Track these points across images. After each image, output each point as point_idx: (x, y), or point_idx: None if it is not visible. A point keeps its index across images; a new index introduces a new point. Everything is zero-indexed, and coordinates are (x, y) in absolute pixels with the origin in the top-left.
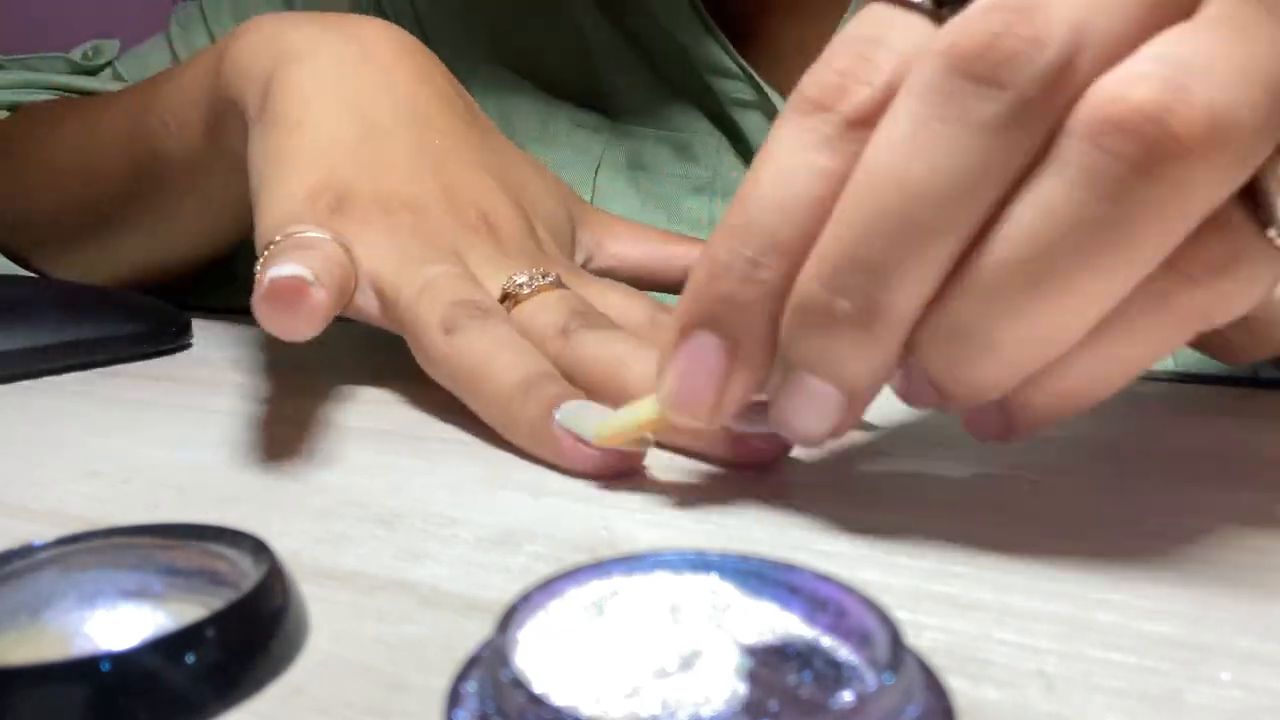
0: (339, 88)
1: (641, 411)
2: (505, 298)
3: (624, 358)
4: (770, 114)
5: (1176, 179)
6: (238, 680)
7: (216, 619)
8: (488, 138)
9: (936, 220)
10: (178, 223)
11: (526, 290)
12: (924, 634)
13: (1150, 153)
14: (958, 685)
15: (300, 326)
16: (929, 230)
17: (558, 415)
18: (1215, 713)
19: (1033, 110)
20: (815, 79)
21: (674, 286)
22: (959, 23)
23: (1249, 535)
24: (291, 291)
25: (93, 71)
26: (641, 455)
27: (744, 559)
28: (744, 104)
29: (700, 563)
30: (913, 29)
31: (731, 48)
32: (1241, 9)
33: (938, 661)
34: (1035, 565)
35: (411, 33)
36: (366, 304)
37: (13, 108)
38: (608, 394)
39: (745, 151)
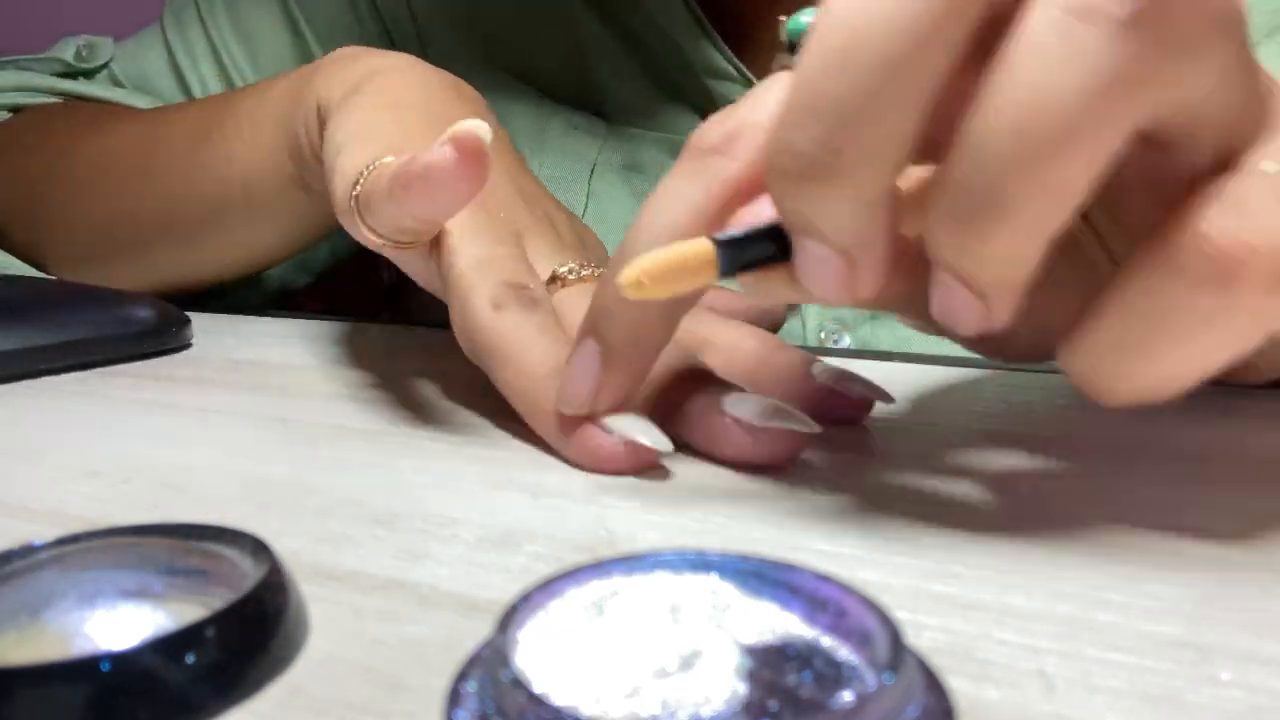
0: (424, 91)
1: (687, 247)
2: (553, 279)
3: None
4: None
5: (1262, 310)
6: (238, 680)
7: (216, 619)
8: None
9: (888, 56)
10: (225, 234)
11: (573, 276)
12: (924, 634)
13: (1237, 291)
14: (958, 685)
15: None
16: (881, 67)
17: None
18: (1215, 713)
19: None
20: (695, 134)
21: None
22: None
23: (1249, 535)
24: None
25: (89, 74)
26: (655, 453)
27: (744, 559)
28: None
29: (700, 563)
30: (783, 84)
31: (727, 49)
32: None
33: (938, 661)
34: (1035, 565)
35: (407, 34)
36: (419, 256)
37: (15, 109)
38: None
39: None
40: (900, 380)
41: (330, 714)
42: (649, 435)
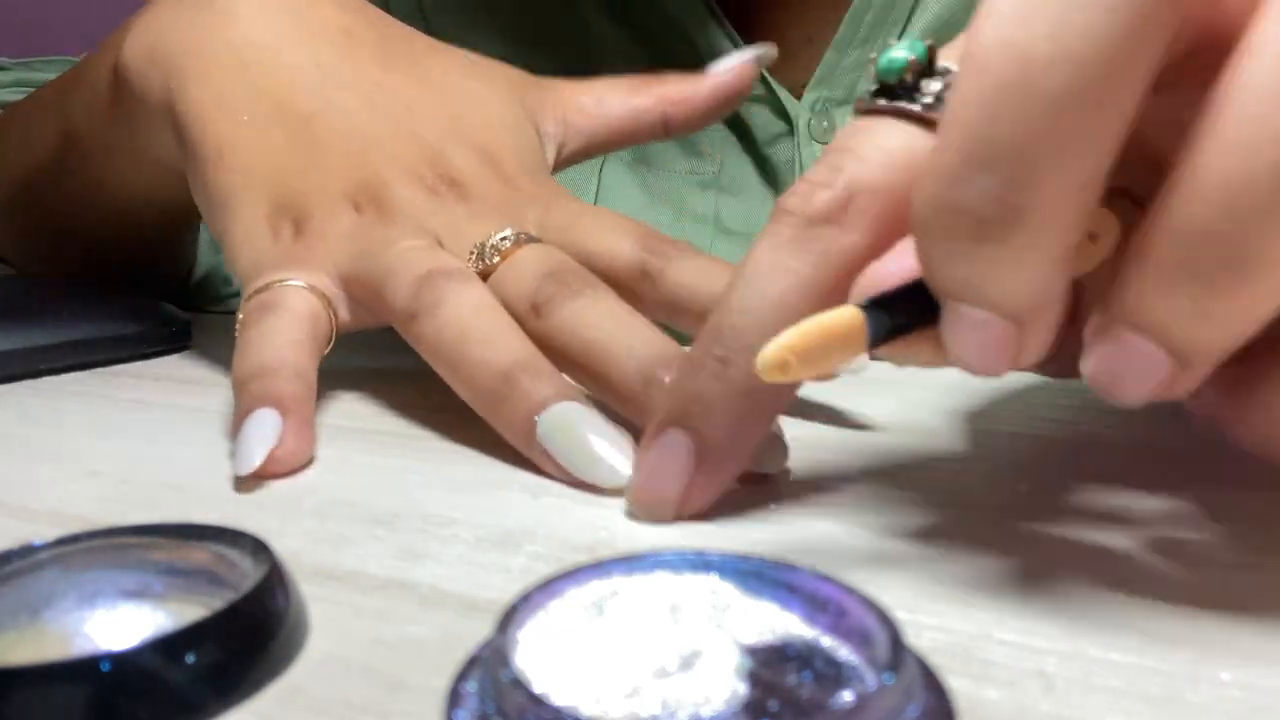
0: (238, 86)
1: (833, 319)
2: (479, 269)
3: (603, 334)
4: (777, 109)
5: None
6: (238, 680)
7: (216, 619)
8: (421, 64)
9: (1074, 93)
10: (109, 218)
11: (497, 256)
12: (924, 634)
13: None
14: (958, 685)
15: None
16: (1066, 105)
17: (539, 426)
18: (1215, 713)
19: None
20: (789, 191)
21: (656, 136)
22: None
23: (1248, 535)
24: (276, 465)
25: None
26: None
27: (744, 559)
28: (751, 98)
29: (700, 563)
30: (888, 134)
31: (740, 41)
32: None
33: (938, 661)
34: (1035, 565)
35: (415, 26)
36: (355, 317)
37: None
38: (589, 374)
39: (751, 146)
40: (900, 380)
41: (330, 714)
42: (610, 465)
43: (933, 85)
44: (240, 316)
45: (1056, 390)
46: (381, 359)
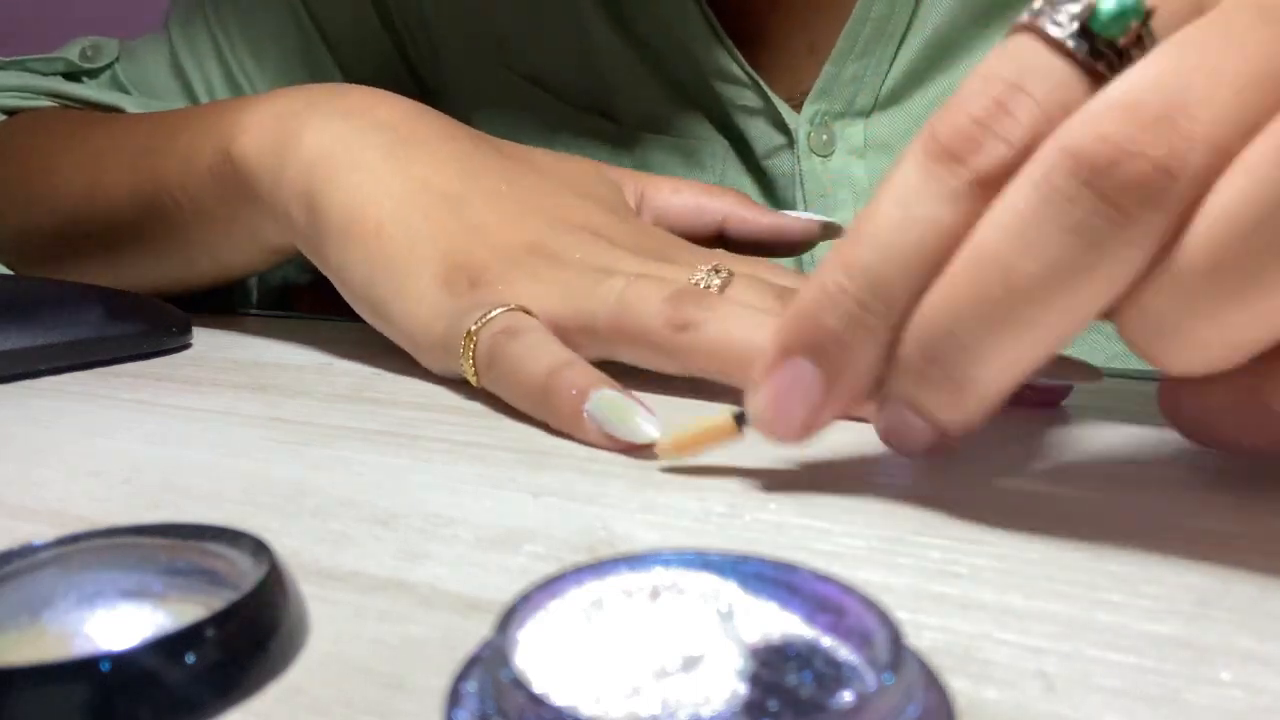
0: (390, 175)
1: (717, 425)
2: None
3: None
4: (775, 120)
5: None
6: (238, 680)
7: (216, 619)
8: (526, 154)
9: (1036, 315)
10: (178, 268)
11: (717, 284)
12: (924, 634)
13: None
14: (958, 685)
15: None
16: (1025, 321)
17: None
18: (1215, 713)
19: (1148, 231)
20: (950, 122)
21: (706, 239)
22: (1092, 120)
23: (1249, 535)
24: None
25: (92, 73)
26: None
27: (744, 559)
28: (750, 111)
29: (700, 562)
30: (1058, 77)
31: (738, 54)
32: None
33: (938, 661)
34: (1035, 565)
35: (420, 39)
36: None
37: (11, 112)
38: None
39: (750, 158)
40: None
41: (330, 714)
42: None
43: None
44: (476, 360)
45: None
46: (383, 360)
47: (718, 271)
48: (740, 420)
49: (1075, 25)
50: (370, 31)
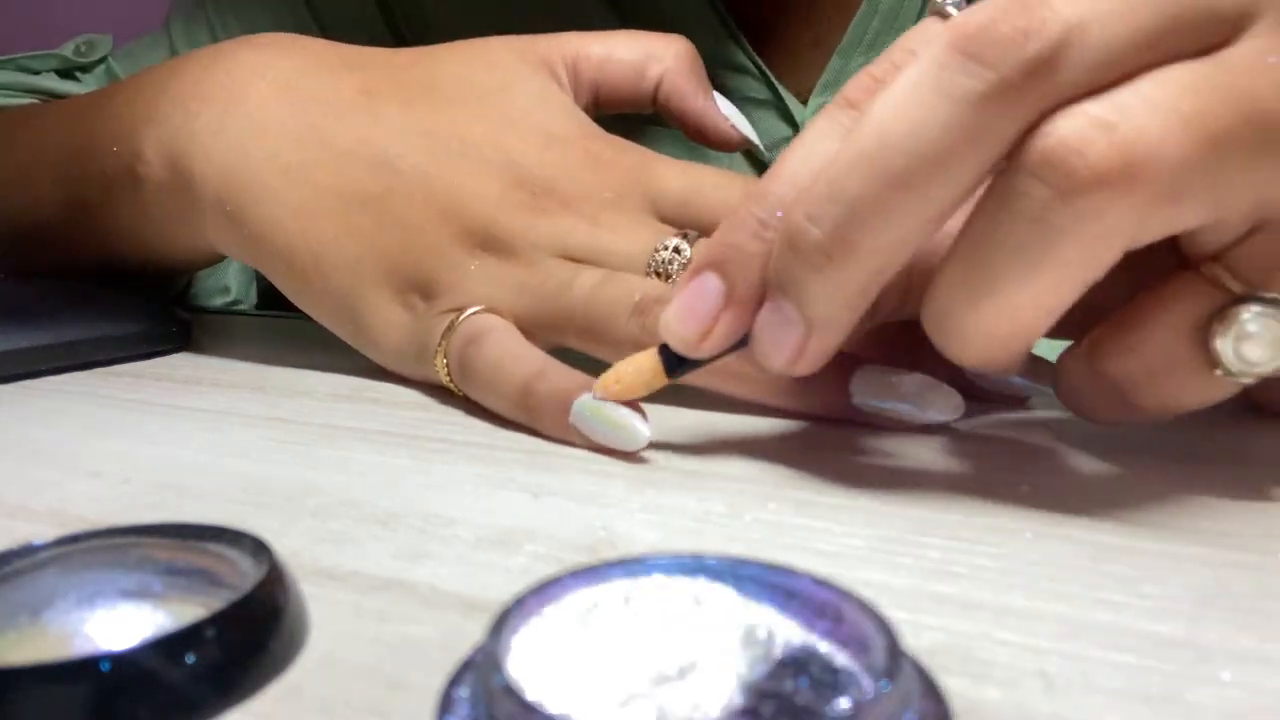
0: (298, 191)
1: (644, 361)
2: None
3: None
4: (783, 113)
5: (1090, 209)
6: (238, 680)
7: (216, 619)
8: (437, 88)
9: (906, 175)
10: (116, 263)
11: (687, 254)
12: (924, 634)
13: (1067, 182)
14: (958, 685)
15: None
16: (897, 181)
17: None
18: (1215, 713)
19: (1009, 95)
20: (855, 81)
21: (642, 106)
22: (973, 6)
23: (1249, 535)
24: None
25: (86, 68)
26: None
27: (741, 563)
28: (757, 102)
29: (697, 567)
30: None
31: (747, 44)
32: (1254, 60)
33: (938, 662)
34: (1035, 565)
35: (418, 28)
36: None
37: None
38: None
39: (755, 150)
40: None
41: (330, 714)
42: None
43: None
44: (448, 369)
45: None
46: None
47: (685, 238)
48: (665, 354)
49: (962, 3)
50: (374, 32)
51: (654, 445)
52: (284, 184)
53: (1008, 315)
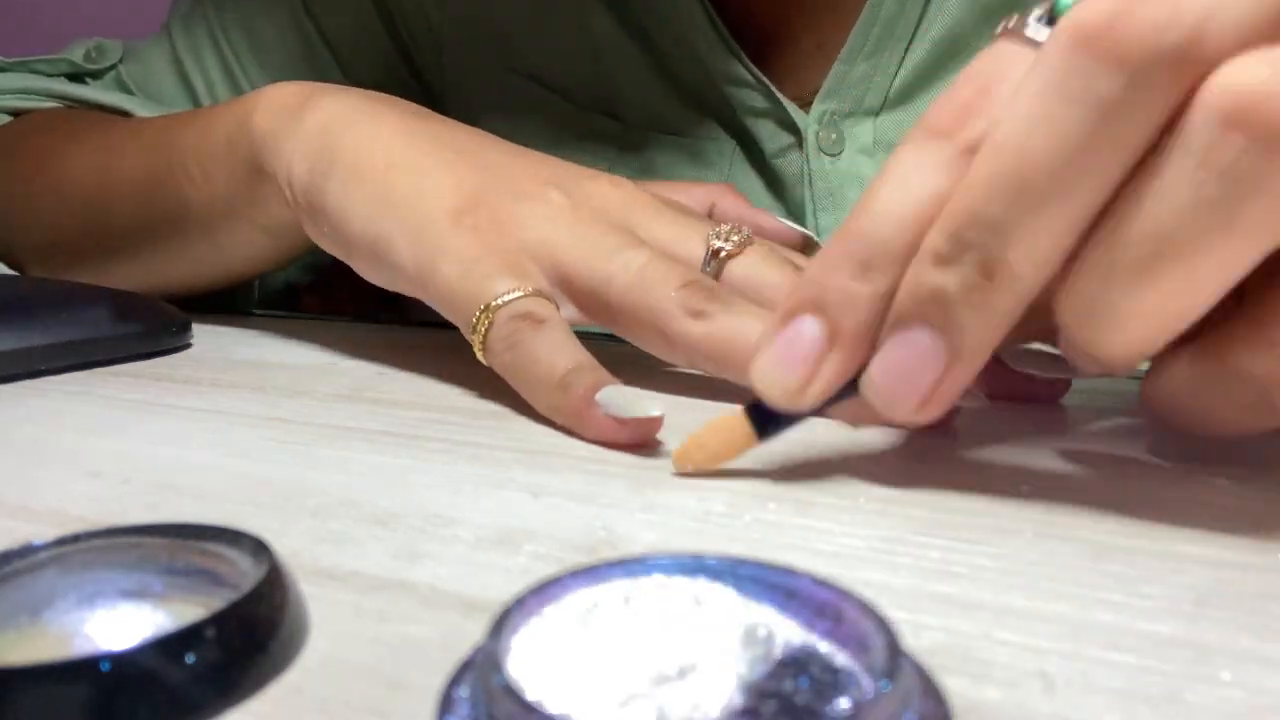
0: (403, 126)
1: (732, 429)
2: (714, 255)
3: None
4: (783, 122)
5: None
6: (238, 680)
7: (216, 619)
8: (498, 141)
9: (1054, 188)
10: (186, 264)
11: (731, 248)
12: (924, 634)
13: (1270, 134)
14: (958, 685)
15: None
16: (1046, 196)
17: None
18: (1215, 713)
19: (1152, 90)
20: (939, 109)
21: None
22: (1086, 1)
23: (1249, 535)
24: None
25: (96, 74)
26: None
27: (741, 563)
28: (757, 112)
29: (697, 567)
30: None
31: (745, 58)
32: None
33: (938, 662)
34: (1035, 565)
35: (423, 39)
36: (566, 313)
37: (16, 113)
38: None
39: (758, 159)
40: None
41: (330, 714)
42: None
43: None
44: (489, 338)
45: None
46: (383, 360)
47: (737, 231)
48: (754, 415)
49: (1043, 20)
50: (372, 33)
51: (654, 446)
52: (394, 119)
53: (1183, 290)
